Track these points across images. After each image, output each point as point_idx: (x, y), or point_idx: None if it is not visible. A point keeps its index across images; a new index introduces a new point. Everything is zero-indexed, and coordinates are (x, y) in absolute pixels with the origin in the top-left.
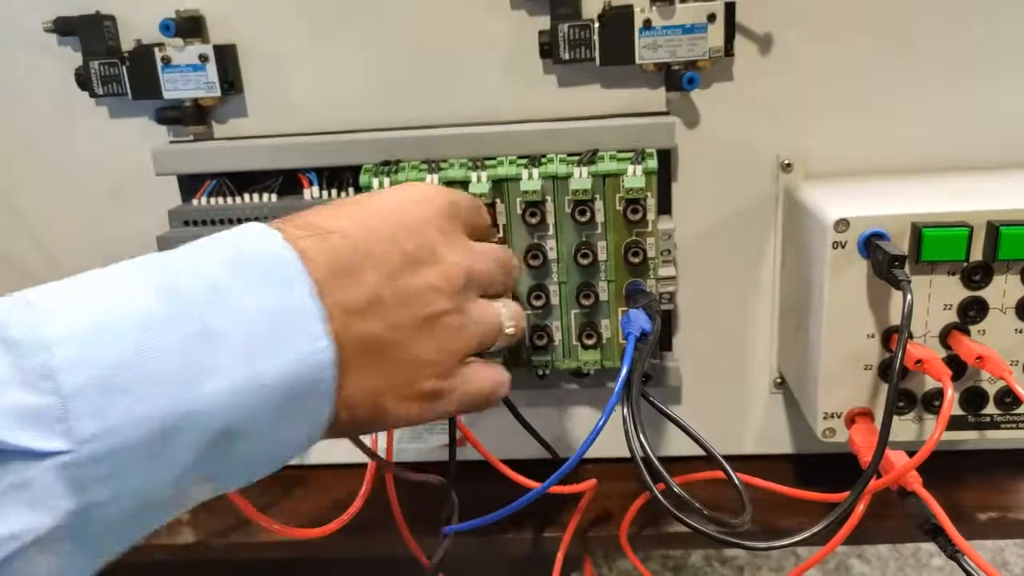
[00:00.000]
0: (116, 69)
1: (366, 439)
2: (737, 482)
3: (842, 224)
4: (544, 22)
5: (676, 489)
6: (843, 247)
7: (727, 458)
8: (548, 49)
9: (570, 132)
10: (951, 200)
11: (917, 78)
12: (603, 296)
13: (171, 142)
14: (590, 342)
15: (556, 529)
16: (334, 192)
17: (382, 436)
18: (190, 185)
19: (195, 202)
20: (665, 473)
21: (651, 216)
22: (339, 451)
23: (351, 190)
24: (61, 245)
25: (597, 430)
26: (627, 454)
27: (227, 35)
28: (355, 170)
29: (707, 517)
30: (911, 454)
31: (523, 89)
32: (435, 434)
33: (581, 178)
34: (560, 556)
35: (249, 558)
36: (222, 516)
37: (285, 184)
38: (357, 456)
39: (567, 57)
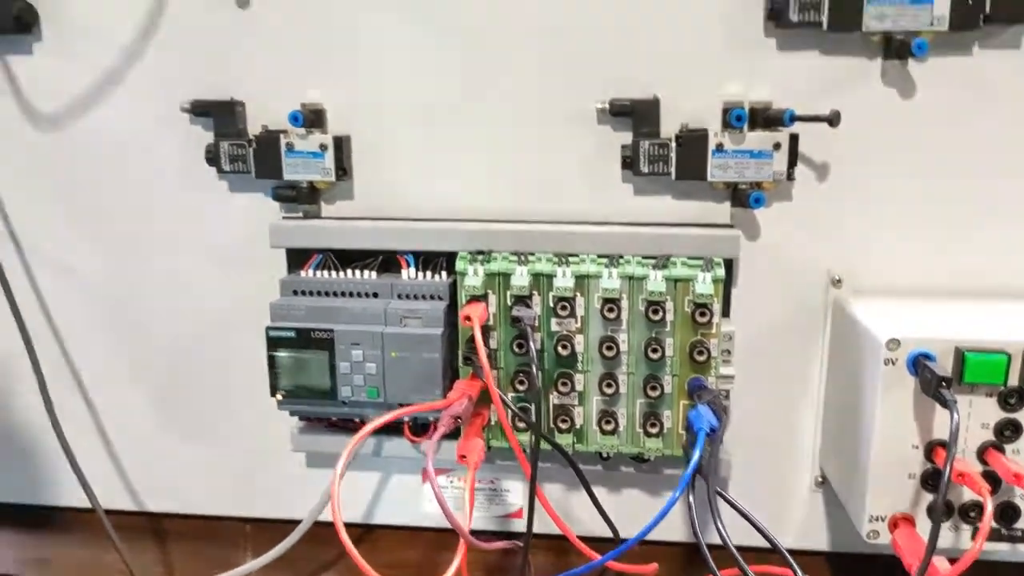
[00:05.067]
0: (243, 149)
1: (451, 505)
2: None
3: (893, 343)
4: (624, 137)
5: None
6: (893, 364)
7: (768, 551)
8: (629, 161)
9: (645, 236)
10: (992, 328)
11: (962, 209)
12: (668, 388)
13: (284, 218)
14: (653, 430)
15: None
16: (429, 273)
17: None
18: (296, 257)
19: (303, 273)
20: (742, 561)
21: (716, 319)
22: (400, 513)
23: (444, 273)
24: (172, 306)
25: (664, 512)
26: (672, 539)
27: (343, 127)
28: (449, 255)
29: None
30: (951, 560)
31: (602, 194)
32: (495, 504)
33: (656, 281)
34: None
35: None
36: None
37: (384, 263)
38: (415, 519)
39: (646, 170)
